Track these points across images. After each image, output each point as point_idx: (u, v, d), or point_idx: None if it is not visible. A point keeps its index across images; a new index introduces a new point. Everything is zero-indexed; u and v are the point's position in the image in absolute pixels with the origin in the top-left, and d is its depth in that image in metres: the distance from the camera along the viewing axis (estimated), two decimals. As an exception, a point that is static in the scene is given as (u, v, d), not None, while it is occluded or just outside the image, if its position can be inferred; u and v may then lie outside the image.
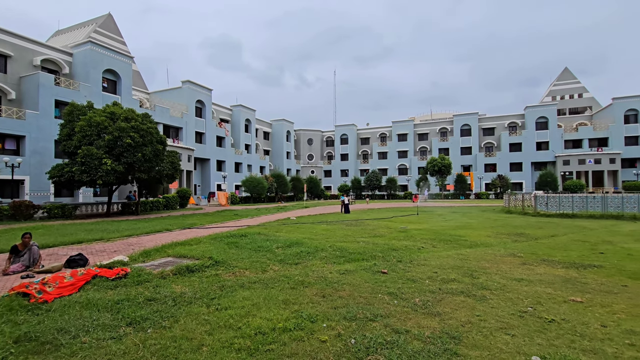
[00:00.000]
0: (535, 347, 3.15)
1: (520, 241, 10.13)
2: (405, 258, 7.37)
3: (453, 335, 3.41)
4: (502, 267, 6.48)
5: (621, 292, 4.90)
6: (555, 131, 53.61)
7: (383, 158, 66.43)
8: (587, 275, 5.83)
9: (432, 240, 10.11)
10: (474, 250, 8.52)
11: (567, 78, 62.87)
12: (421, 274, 5.93)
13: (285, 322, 3.76)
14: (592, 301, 4.47)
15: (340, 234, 11.87)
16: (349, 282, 5.41)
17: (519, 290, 4.95)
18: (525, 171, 54.57)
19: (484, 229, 13.03)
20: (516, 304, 4.36)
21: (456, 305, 4.32)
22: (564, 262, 6.95)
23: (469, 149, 59.77)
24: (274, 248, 8.56)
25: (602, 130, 51.58)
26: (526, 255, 7.72)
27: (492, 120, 59.91)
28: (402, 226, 14.23)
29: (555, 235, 11.42)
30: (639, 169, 47.89)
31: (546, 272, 6.13)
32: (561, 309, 4.16)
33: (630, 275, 5.80)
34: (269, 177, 44.36)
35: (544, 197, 20.08)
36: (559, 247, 8.83)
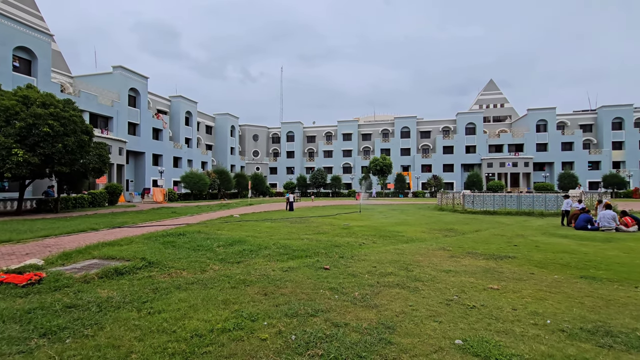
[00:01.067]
0: (458, 332, 3.46)
1: (450, 236, 11.04)
2: (347, 254, 7.61)
3: (388, 325, 3.61)
4: (434, 260, 7.01)
5: (529, 279, 5.61)
6: (481, 136, 59.33)
7: (328, 156, 67.64)
8: (503, 266, 6.57)
9: (372, 237, 10.57)
10: (409, 245, 9.09)
11: (492, 89, 69.90)
12: (361, 269, 6.17)
13: (225, 322, 3.65)
14: (506, 288, 5.05)
15: (284, 231, 11.85)
16: (291, 279, 5.43)
17: (447, 281, 5.40)
18: (456, 172, 59.58)
19: (419, 225, 13.97)
20: (444, 293, 4.75)
21: (392, 297, 4.58)
22: (485, 254, 7.75)
23: (408, 150, 63.49)
24: (214, 247, 8.26)
25: (519, 137, 58.34)
26: (454, 248, 8.45)
27: (428, 124, 64.32)
28: (345, 223, 14.65)
29: (479, 230, 12.65)
30: (547, 172, 55.17)
31: (470, 263, 6.77)
32: (481, 296, 4.64)
33: (537, 264, 6.66)
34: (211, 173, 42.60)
35: (471, 196, 22.15)
36: (482, 241, 9.81)
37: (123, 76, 37.30)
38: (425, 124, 64.20)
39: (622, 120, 54.58)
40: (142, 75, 40.15)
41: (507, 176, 55.45)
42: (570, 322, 3.72)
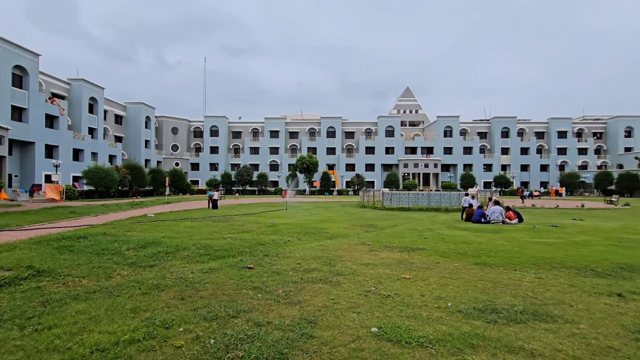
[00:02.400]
0: (375, 320, 3.70)
1: (370, 231, 11.75)
2: (272, 252, 7.55)
3: (310, 320, 3.68)
4: (355, 255, 7.38)
5: (435, 267, 6.27)
6: (399, 139, 64.40)
7: (255, 153, 66.30)
8: (414, 257, 7.23)
9: (298, 234, 10.67)
10: (333, 241, 9.42)
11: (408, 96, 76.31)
12: (286, 266, 6.18)
13: (133, 332, 3.31)
14: (416, 277, 5.57)
15: (206, 230, 11.24)
16: (212, 281, 5.17)
17: (366, 274, 5.73)
18: (377, 171, 63.64)
19: (343, 222, 14.57)
20: (363, 285, 5.03)
21: (315, 292, 4.68)
22: (400, 247, 8.43)
23: (333, 149, 65.67)
24: (123, 250, 7.43)
25: (430, 141, 64.82)
26: (373, 243, 9.01)
27: (352, 125, 67.43)
28: (271, 221, 14.52)
29: (396, 225, 13.72)
30: (452, 173, 62.46)
31: (387, 256, 7.30)
32: (395, 286, 5.03)
33: (442, 254, 7.49)
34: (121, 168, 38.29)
35: (389, 194, 23.91)
36: (397, 235, 10.66)
37: (4, 50, 31.12)
38: (350, 125, 67.21)
39: (508, 129, 64.64)
40: (32, 51, 34.03)
41: (420, 176, 61.29)
42: (466, 304, 4.26)
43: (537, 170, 63.81)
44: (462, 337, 3.27)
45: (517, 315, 3.86)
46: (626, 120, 64.83)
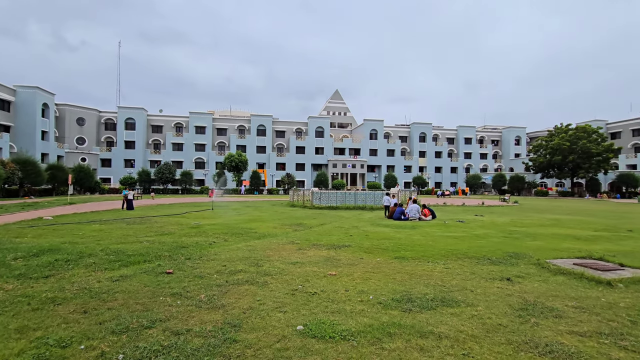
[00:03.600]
0: (301, 318, 3.72)
1: (299, 230, 11.85)
2: (194, 255, 7.11)
3: (234, 323, 3.55)
4: (283, 254, 7.36)
5: (359, 263, 6.58)
6: (328, 140, 66.22)
7: (178, 150, 61.98)
8: (340, 254, 7.49)
9: (224, 235, 10.25)
10: (261, 241, 9.26)
11: (337, 98, 78.92)
12: (210, 269, 5.88)
13: (18, 357, 2.80)
14: (342, 273, 5.78)
15: (118, 234, 10.12)
16: (123, 290, 4.66)
17: (293, 272, 5.75)
18: (307, 171, 64.51)
19: (272, 221, 14.44)
20: (290, 284, 5.04)
21: (240, 295, 4.53)
22: (327, 244, 8.66)
23: (263, 148, 64.72)
24: (8, 260, 6.28)
25: (357, 143, 67.98)
26: (302, 241, 9.10)
27: (283, 124, 67.29)
28: (195, 222, 13.70)
29: (324, 223, 14.06)
30: (376, 174, 66.41)
31: (315, 254, 7.43)
32: (321, 283, 5.14)
33: (366, 250, 7.90)
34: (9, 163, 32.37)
35: (318, 193, 24.44)
36: (325, 233, 10.94)
37: None
38: (280, 124, 66.98)
39: (425, 134, 71.20)
40: None
41: (348, 176, 63.94)
42: (386, 295, 4.55)
43: (448, 172, 71.52)
44: (381, 327, 3.49)
45: (429, 303, 4.25)
46: (516, 130, 76.58)
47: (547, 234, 11.24)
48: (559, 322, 3.72)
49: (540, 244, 8.99)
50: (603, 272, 5.79)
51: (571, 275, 5.67)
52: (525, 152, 74.13)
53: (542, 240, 9.70)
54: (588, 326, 3.60)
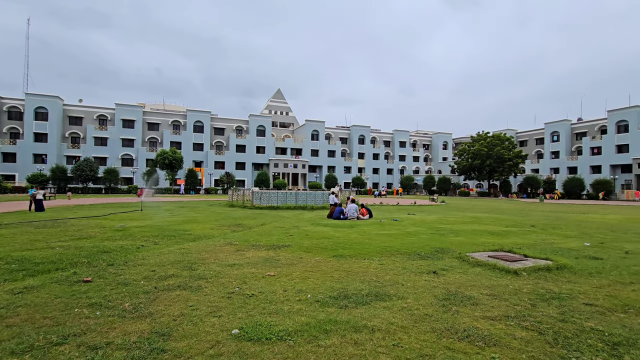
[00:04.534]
0: (237, 322, 3.61)
1: (238, 231, 11.50)
2: (118, 260, 6.49)
3: (163, 332, 3.31)
4: (220, 256, 7.08)
5: (299, 263, 6.61)
6: (270, 139, 65.48)
7: (102, 145, 56.17)
8: (280, 254, 7.44)
9: (154, 237, 9.52)
10: (196, 243, 8.80)
11: (279, 97, 78.44)
12: (137, 275, 5.42)
13: None
14: (281, 273, 5.74)
15: (22, 239, 8.81)
16: (28, 303, 4.07)
17: (230, 275, 5.56)
18: (247, 170, 63.02)
19: (209, 222, 13.81)
20: (227, 287, 4.86)
21: (171, 301, 4.25)
22: (267, 245, 8.55)
23: (201, 145, 61.68)
24: None
25: (299, 143, 68.30)
26: (240, 242, 8.85)
27: (222, 121, 64.86)
28: (120, 224, 12.51)
29: (264, 224, 13.85)
30: (318, 174, 67.39)
31: (254, 255, 7.27)
32: (260, 284, 5.05)
33: (305, 250, 7.96)
34: None
35: (259, 193, 24.01)
36: (265, 234, 10.78)
37: None
38: (220, 120, 64.45)
39: (364, 137, 74.23)
40: None
41: (289, 176, 63.91)
42: (323, 293, 4.63)
43: (385, 173, 75.49)
44: (318, 324, 3.54)
45: (364, 298, 4.43)
46: (443, 136, 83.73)
47: (467, 230, 12.46)
48: (475, 309, 4.14)
49: (462, 239, 9.94)
50: (511, 262, 6.60)
51: (486, 266, 6.36)
52: (451, 156, 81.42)
53: (463, 236, 10.72)
54: (498, 311, 4.07)
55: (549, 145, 66.35)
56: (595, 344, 3.23)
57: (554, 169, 64.10)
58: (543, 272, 5.99)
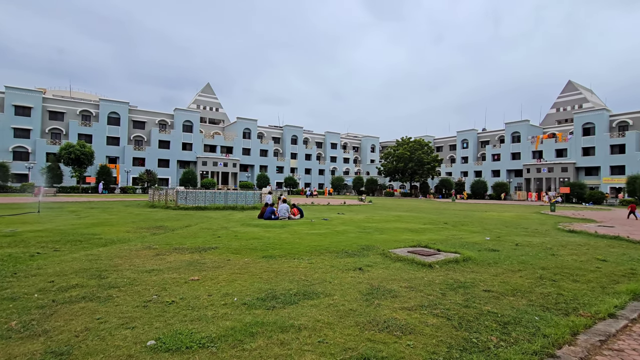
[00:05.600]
0: (153, 332, 3.32)
1: (159, 233, 10.63)
2: (4, 271, 5.49)
3: (61, 351, 2.89)
4: (136, 262, 6.45)
5: (226, 265, 6.35)
6: (197, 135, 61.95)
7: (-14, 134, 47.15)
8: (206, 257, 7.07)
9: (54, 243, 8.28)
10: (108, 248, 7.89)
11: (208, 92, 74.69)
12: (29, 288, 4.64)
13: None
14: (206, 277, 5.46)
15: None
16: None
17: (148, 281, 5.10)
18: (172, 168, 58.72)
19: (124, 225, 12.51)
20: (143, 296, 4.44)
21: (73, 315, 3.73)
22: (192, 248, 8.05)
23: (116, 139, 55.70)
24: None
25: (229, 141, 65.92)
26: (161, 246, 8.19)
27: (143, 114, 59.45)
28: (10, 229, 10.62)
29: (189, 225, 13.04)
30: (249, 173, 65.80)
31: (176, 259, 6.79)
32: (181, 290, 4.73)
33: (233, 251, 7.69)
34: None
35: (184, 192, 22.53)
36: (190, 236, 10.15)
37: None
38: (140, 113, 58.91)
39: (297, 137, 74.71)
40: None
41: (219, 175, 61.23)
42: (251, 296, 4.52)
43: (316, 173, 76.98)
44: (244, 328, 3.44)
45: (292, 298, 4.44)
46: (371, 139, 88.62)
47: (391, 228, 13.36)
48: (395, 301, 4.45)
49: (385, 237, 10.61)
50: (427, 257, 7.25)
51: (406, 261, 6.89)
52: (378, 158, 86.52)
53: (387, 234, 11.47)
54: (414, 301, 4.43)
55: (460, 152, 74.71)
56: (490, 324, 3.71)
57: (464, 173, 72.36)
58: (452, 264, 6.71)
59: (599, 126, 53.73)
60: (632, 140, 50.21)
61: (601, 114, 54.31)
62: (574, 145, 56.14)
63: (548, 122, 69.96)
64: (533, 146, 61.83)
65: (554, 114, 70.41)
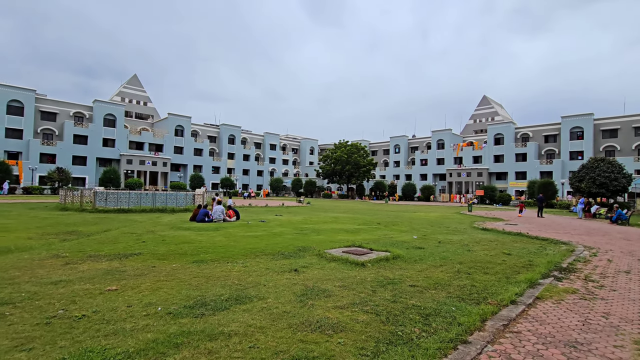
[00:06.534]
0: (56, 353, 2.90)
1: (71, 240, 9.41)
2: None
3: None
4: (39, 272, 5.61)
5: (150, 272, 5.85)
6: (122, 130, 56.48)
7: None
8: (127, 264, 6.44)
9: None
10: (2, 258, 6.74)
11: (135, 84, 68.67)
12: None
13: None
14: (126, 286, 4.96)
15: None
16: None
17: (53, 295, 4.47)
18: (90, 166, 52.66)
19: (27, 230, 10.83)
20: (45, 311, 3.87)
21: (-52, 340, 3.09)
22: (110, 254, 7.27)
23: (19, 132, 48.23)
24: None
25: (159, 138, 61.26)
26: (72, 254, 7.25)
27: (54, 104, 52.41)
28: None
29: (109, 230, 11.79)
30: (182, 173, 61.89)
31: (90, 268, 6.06)
32: (95, 302, 4.22)
33: (160, 257, 7.13)
34: None
35: (104, 193, 20.31)
36: (109, 241, 9.17)
37: None
38: (50, 103, 51.73)
39: (234, 137, 72.37)
40: None
41: (147, 174, 56.47)
42: (177, 304, 4.22)
43: (255, 174, 75.39)
44: (168, 339, 3.19)
45: (223, 304, 4.25)
46: (310, 141, 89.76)
47: (328, 229, 13.64)
48: (328, 300, 4.53)
49: (322, 238, 10.79)
50: (360, 256, 7.54)
51: (340, 261, 7.08)
52: (317, 160, 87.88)
53: (324, 235, 11.67)
54: (346, 300, 4.56)
55: (393, 156, 79.49)
56: (414, 317, 3.98)
57: (396, 176, 77.11)
58: (383, 262, 7.07)
59: (507, 137, 61.58)
60: (532, 150, 58.46)
61: (509, 126, 62.32)
62: (488, 153, 63.47)
63: (467, 131, 78.05)
64: (454, 153, 68.43)
65: (472, 125, 78.80)
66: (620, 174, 30.88)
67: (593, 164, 32.29)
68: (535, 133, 60.59)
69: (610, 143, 52.51)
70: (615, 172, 30.79)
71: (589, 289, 5.54)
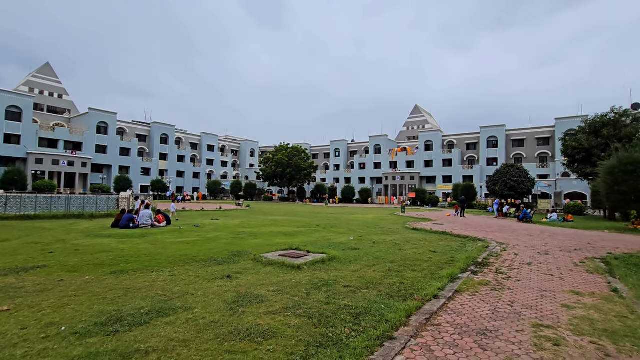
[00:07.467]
0: None
1: (-48, 253, 7.86)
2: None
3: None
4: None
5: (56, 287, 5.12)
6: (30, 125, 49.39)
7: None
8: (26, 279, 5.55)
9: None
10: None
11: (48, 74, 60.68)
12: None
13: None
14: (22, 305, 4.26)
15: None
16: None
17: None
18: (-14, 166, 44.88)
19: None
20: None
21: None
22: (5, 269, 6.22)
23: None
24: None
25: (78, 135, 54.75)
26: (-47, 270, 6.04)
27: (-61, 91, 43.83)
28: None
29: (8, 239, 10.14)
30: (105, 174, 55.97)
31: (-25, 285, 5.10)
32: (-23, 327, 3.54)
33: (70, 269, 6.29)
34: None
35: (3, 197, 17.46)
36: (6, 253, 7.86)
37: None
38: None
39: (167, 136, 67.66)
40: None
41: (62, 176, 49.96)
42: (86, 321, 3.73)
43: (190, 176, 71.25)
44: (69, 364, 2.78)
45: (142, 318, 3.87)
46: (251, 143, 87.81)
47: (266, 232, 13.38)
48: (261, 306, 4.39)
49: (259, 242, 10.53)
50: (297, 259, 7.50)
51: (276, 264, 6.95)
52: (257, 163, 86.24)
53: (262, 238, 11.41)
54: (280, 304, 4.47)
55: (333, 160, 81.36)
56: (345, 317, 4.04)
57: (336, 179, 79.01)
58: (319, 264, 7.11)
59: (436, 143, 67.03)
60: (456, 156, 64.41)
61: (437, 134, 67.92)
62: (419, 158, 68.38)
63: (401, 137, 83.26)
64: (390, 157, 72.46)
65: (405, 132, 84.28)
66: (526, 178, 35.58)
67: (505, 169, 36.73)
68: (459, 141, 66.91)
69: (518, 151, 60.17)
70: (522, 177, 35.40)
71: (499, 281, 6.20)
